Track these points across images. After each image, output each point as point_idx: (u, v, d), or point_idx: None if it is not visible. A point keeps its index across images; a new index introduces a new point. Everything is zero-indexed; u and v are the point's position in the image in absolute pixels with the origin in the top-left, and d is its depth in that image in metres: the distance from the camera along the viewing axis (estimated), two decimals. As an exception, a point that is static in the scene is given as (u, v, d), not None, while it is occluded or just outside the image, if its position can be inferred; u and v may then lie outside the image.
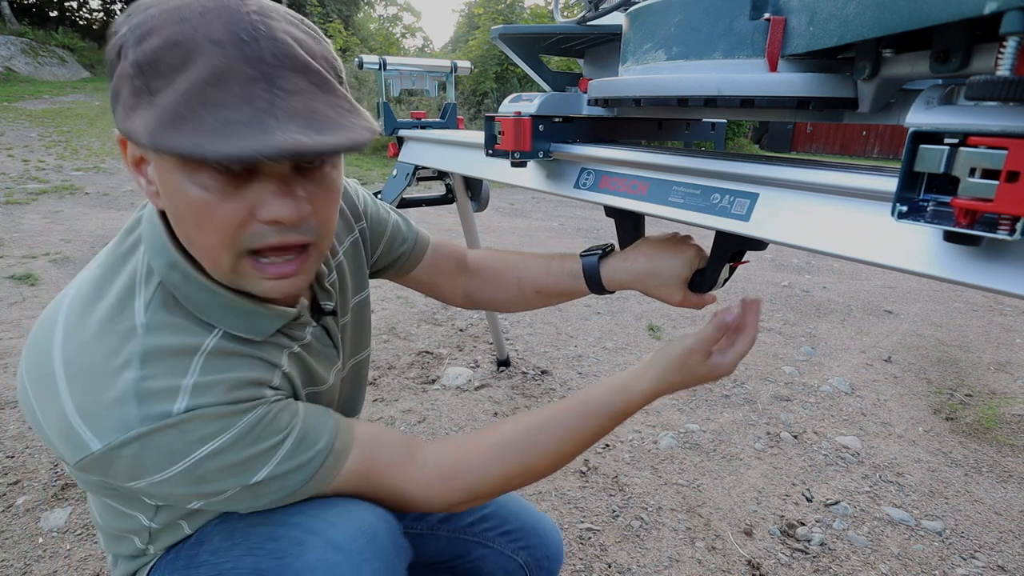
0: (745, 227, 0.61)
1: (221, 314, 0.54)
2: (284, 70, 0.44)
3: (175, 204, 0.48)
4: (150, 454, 0.48)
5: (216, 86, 0.42)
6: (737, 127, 13.48)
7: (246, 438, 0.52)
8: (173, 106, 0.42)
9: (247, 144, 0.40)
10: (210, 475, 0.51)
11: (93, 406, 0.48)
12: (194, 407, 0.49)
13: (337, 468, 0.58)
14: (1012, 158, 0.35)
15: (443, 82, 1.78)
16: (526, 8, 12.85)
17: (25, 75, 11.06)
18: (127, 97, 0.44)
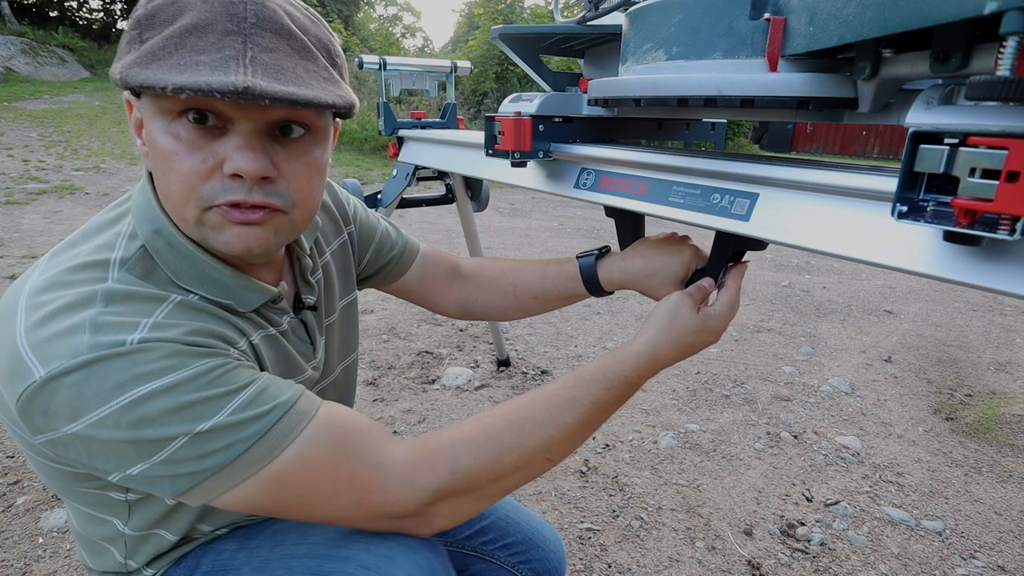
0: (745, 227, 0.61)
1: (200, 282, 0.53)
2: (264, 31, 0.47)
3: (153, 155, 0.50)
4: (92, 384, 0.44)
5: (194, 35, 0.45)
6: (737, 127, 13.48)
7: (198, 380, 0.47)
8: (151, 49, 0.45)
9: (203, 79, 0.42)
10: (153, 416, 0.45)
11: (45, 335, 0.45)
12: (148, 339, 0.46)
13: (298, 427, 0.50)
14: (1012, 158, 0.35)
15: (443, 82, 1.78)
16: (526, 8, 12.85)
17: (25, 75, 11.06)
18: (122, 48, 0.48)
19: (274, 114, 0.49)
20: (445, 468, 0.54)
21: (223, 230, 0.51)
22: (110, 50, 14.14)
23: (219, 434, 0.47)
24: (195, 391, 0.47)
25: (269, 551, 0.60)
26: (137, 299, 0.49)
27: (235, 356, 0.52)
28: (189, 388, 0.47)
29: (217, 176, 0.49)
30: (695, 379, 2.37)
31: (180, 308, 0.51)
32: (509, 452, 0.56)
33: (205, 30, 0.45)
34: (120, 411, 0.45)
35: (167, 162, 0.48)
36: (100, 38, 14.84)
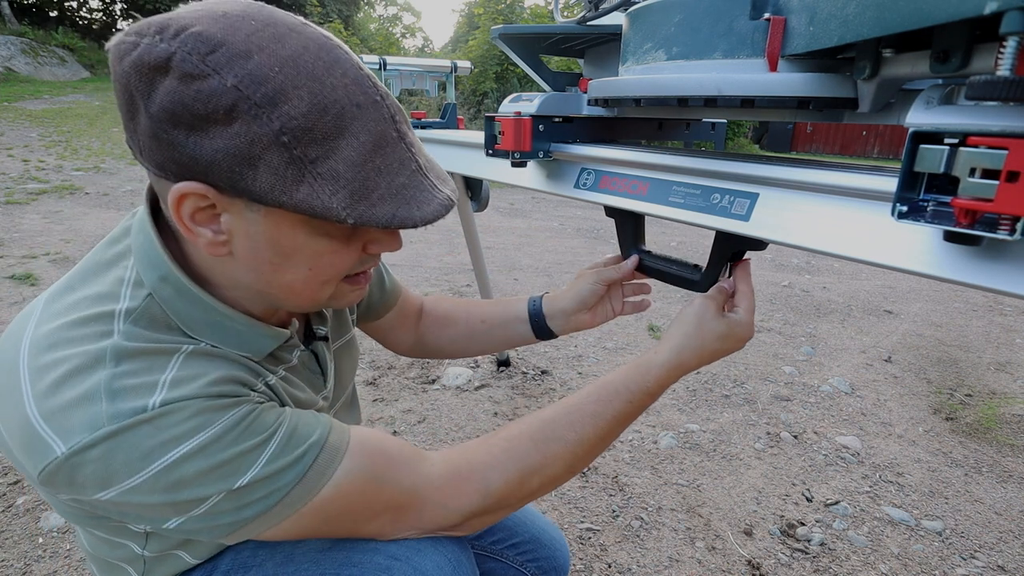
0: (745, 227, 0.61)
1: (212, 330, 0.51)
2: (403, 124, 0.48)
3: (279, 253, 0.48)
4: (120, 455, 0.42)
5: (378, 153, 0.45)
6: (737, 127, 13.48)
7: (228, 435, 0.46)
8: (353, 178, 0.44)
9: (430, 209, 0.46)
10: (188, 479, 0.44)
11: (57, 406, 0.43)
12: (170, 400, 0.44)
13: (333, 463, 0.50)
14: (1012, 158, 0.35)
15: (443, 82, 1.78)
16: (526, 8, 12.85)
17: (25, 75, 11.06)
18: (280, 167, 0.42)
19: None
20: (477, 493, 0.57)
21: (348, 295, 0.55)
22: (110, 50, 14.13)
23: (256, 487, 0.47)
24: (227, 447, 0.46)
25: (292, 547, 0.59)
26: (148, 355, 0.47)
27: (257, 400, 0.51)
28: (220, 446, 0.45)
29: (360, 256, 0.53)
30: (695, 379, 2.37)
31: (194, 357, 0.49)
32: (535, 472, 0.58)
33: (382, 145, 0.45)
34: (153, 478, 0.43)
35: (319, 260, 0.49)
36: (100, 38, 14.83)
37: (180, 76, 0.40)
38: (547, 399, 2.14)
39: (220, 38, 0.40)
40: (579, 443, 0.60)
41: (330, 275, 0.51)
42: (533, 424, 0.61)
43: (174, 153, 0.42)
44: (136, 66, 0.41)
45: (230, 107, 0.40)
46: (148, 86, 0.41)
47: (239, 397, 0.49)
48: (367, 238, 0.52)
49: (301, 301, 0.53)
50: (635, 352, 2.60)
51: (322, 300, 0.54)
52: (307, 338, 0.67)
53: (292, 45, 0.42)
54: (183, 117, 0.41)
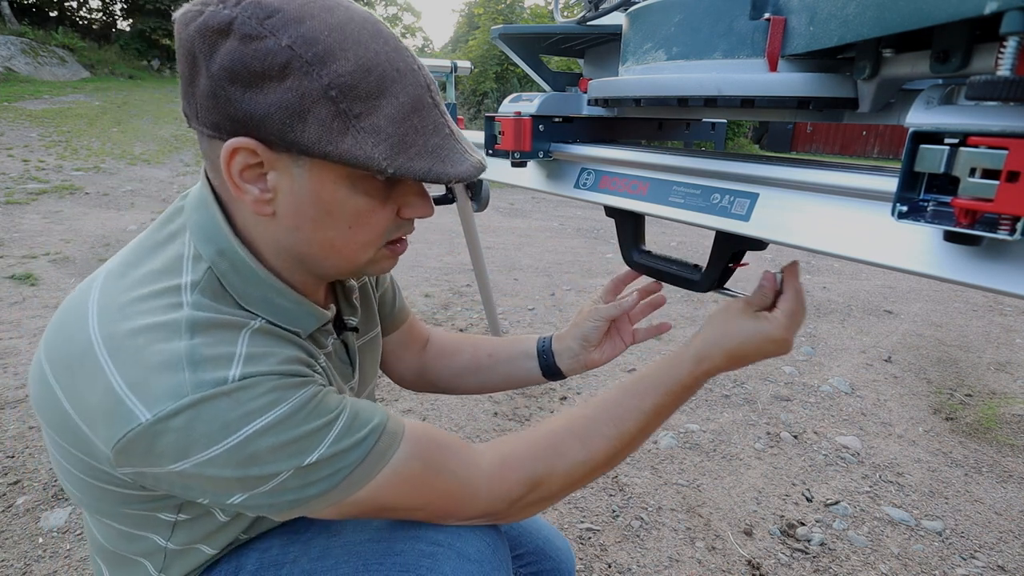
0: (745, 227, 0.61)
1: (264, 305, 0.54)
2: (436, 95, 0.51)
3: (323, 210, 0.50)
4: (201, 426, 0.44)
5: (416, 114, 0.48)
6: (737, 127, 13.48)
7: (299, 413, 0.48)
8: (393, 133, 0.47)
9: (463, 168, 0.50)
10: (262, 454, 0.46)
11: (142, 374, 0.45)
12: (248, 375, 0.46)
13: (392, 447, 0.52)
14: (1012, 158, 0.35)
15: (443, 82, 1.78)
16: (526, 8, 12.85)
17: (25, 75, 11.06)
18: (327, 119, 0.45)
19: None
20: (523, 483, 0.58)
21: (385, 261, 0.58)
22: (110, 50, 14.14)
23: (323, 465, 0.49)
24: (298, 425, 0.48)
25: (326, 540, 0.60)
26: (220, 327, 0.49)
27: (321, 381, 0.53)
28: (293, 423, 0.47)
29: (396, 219, 0.55)
30: (695, 379, 2.37)
31: (260, 335, 0.51)
32: (579, 465, 0.61)
33: (418, 107, 0.48)
34: (229, 451, 0.45)
35: (360, 218, 0.51)
36: (100, 38, 14.84)
37: (240, 37, 0.44)
38: (547, 399, 2.14)
39: (277, 5, 0.45)
40: (619, 437, 0.62)
41: (368, 236, 0.53)
42: (575, 420, 0.62)
43: (230, 109, 0.45)
44: (200, 30, 0.45)
45: (284, 64, 0.44)
46: (211, 48, 0.45)
47: (306, 378, 0.51)
48: (401, 201, 0.54)
49: (341, 262, 0.55)
50: (636, 351, 2.60)
51: (361, 263, 0.55)
52: (338, 329, 0.68)
53: (340, 15, 0.46)
54: (241, 74, 0.44)
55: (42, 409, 0.51)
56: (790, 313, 0.63)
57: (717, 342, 0.64)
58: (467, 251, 2.09)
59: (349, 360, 0.69)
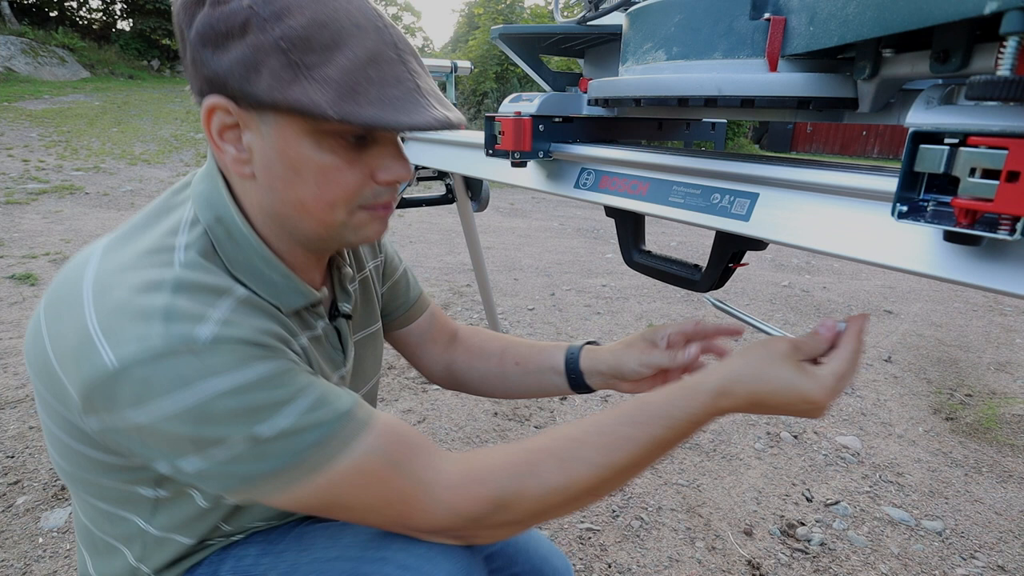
0: (745, 227, 0.61)
1: (252, 274, 0.55)
2: (409, 55, 0.51)
3: (289, 168, 0.51)
4: (162, 377, 0.45)
5: (372, 66, 0.48)
6: (737, 127, 13.48)
7: (263, 382, 0.48)
8: (343, 81, 0.47)
9: (419, 118, 0.48)
10: (218, 415, 0.46)
11: (117, 320, 0.46)
12: (219, 337, 0.47)
13: (354, 437, 0.50)
14: (1012, 158, 0.35)
15: (443, 82, 1.78)
16: (526, 8, 12.86)
17: (25, 75, 11.06)
18: (278, 69, 0.47)
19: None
20: (488, 501, 0.53)
21: (368, 226, 0.56)
22: (110, 50, 14.15)
23: (278, 440, 0.48)
24: (260, 392, 0.47)
25: (296, 555, 0.59)
26: (204, 289, 0.50)
27: (292, 359, 0.52)
28: (254, 390, 0.47)
29: (370, 184, 0.54)
30: (695, 379, 2.37)
31: (243, 304, 0.52)
32: (554, 491, 0.54)
33: (377, 60, 0.48)
34: (187, 408, 0.46)
35: (324, 176, 0.51)
36: (100, 38, 14.84)
37: (211, 4, 0.47)
38: (547, 399, 2.14)
39: None
40: (606, 467, 0.54)
41: (337, 195, 0.52)
42: (559, 441, 0.56)
43: (205, 71, 0.48)
44: (183, 5, 0.49)
45: (244, 22, 0.46)
46: (190, 18, 0.48)
47: (279, 350, 0.51)
48: (375, 164, 0.53)
49: (315, 224, 0.54)
50: (635, 352, 2.60)
51: (336, 225, 0.54)
52: (331, 314, 0.68)
53: None
54: (210, 36, 0.47)
55: (31, 359, 0.52)
56: (839, 375, 0.53)
57: (745, 380, 0.54)
58: (467, 251, 2.09)
59: (341, 347, 0.68)
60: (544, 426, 1.96)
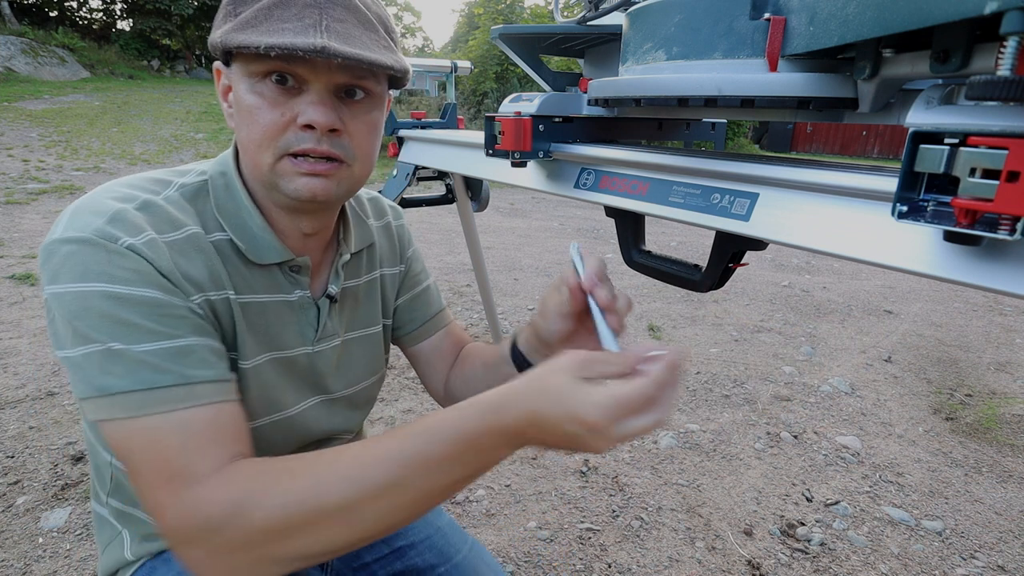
0: (745, 227, 0.61)
1: (234, 221, 0.61)
2: (336, 6, 0.55)
3: (239, 112, 0.58)
4: (74, 260, 0.50)
5: (280, 7, 0.54)
6: (737, 127, 13.48)
7: (146, 305, 0.51)
8: (245, 18, 0.54)
9: (288, 40, 0.51)
10: (94, 312, 0.49)
11: (82, 209, 0.54)
12: (134, 247, 0.52)
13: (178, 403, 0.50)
14: (1012, 158, 0.35)
15: (443, 82, 1.78)
16: (526, 8, 12.86)
17: (25, 75, 11.06)
18: (220, 20, 0.56)
19: (341, 77, 0.56)
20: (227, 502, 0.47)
21: (293, 179, 0.58)
22: (110, 50, 14.14)
23: (123, 362, 0.50)
24: (135, 312, 0.51)
25: None
26: (162, 217, 0.56)
27: (192, 308, 0.55)
28: (133, 307, 0.51)
29: (292, 128, 0.56)
30: (695, 379, 2.37)
31: (185, 242, 0.57)
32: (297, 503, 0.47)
33: (288, 4, 0.54)
34: (75, 294, 0.50)
35: (251, 115, 0.56)
36: (100, 38, 14.84)
37: None
38: (547, 399, 2.14)
39: None
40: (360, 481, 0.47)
41: (259, 133, 0.56)
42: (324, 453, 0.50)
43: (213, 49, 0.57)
44: None
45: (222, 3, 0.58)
46: None
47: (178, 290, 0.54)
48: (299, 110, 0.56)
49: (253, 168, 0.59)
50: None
51: (265, 168, 0.58)
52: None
53: None
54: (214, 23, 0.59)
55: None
56: (623, 401, 0.43)
57: (522, 392, 0.46)
58: (467, 251, 2.09)
59: (316, 324, 0.68)
60: (544, 426, 1.97)
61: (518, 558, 1.38)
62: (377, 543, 0.81)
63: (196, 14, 15.42)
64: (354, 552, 0.80)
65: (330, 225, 0.69)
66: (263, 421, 0.64)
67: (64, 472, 1.56)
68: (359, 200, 0.79)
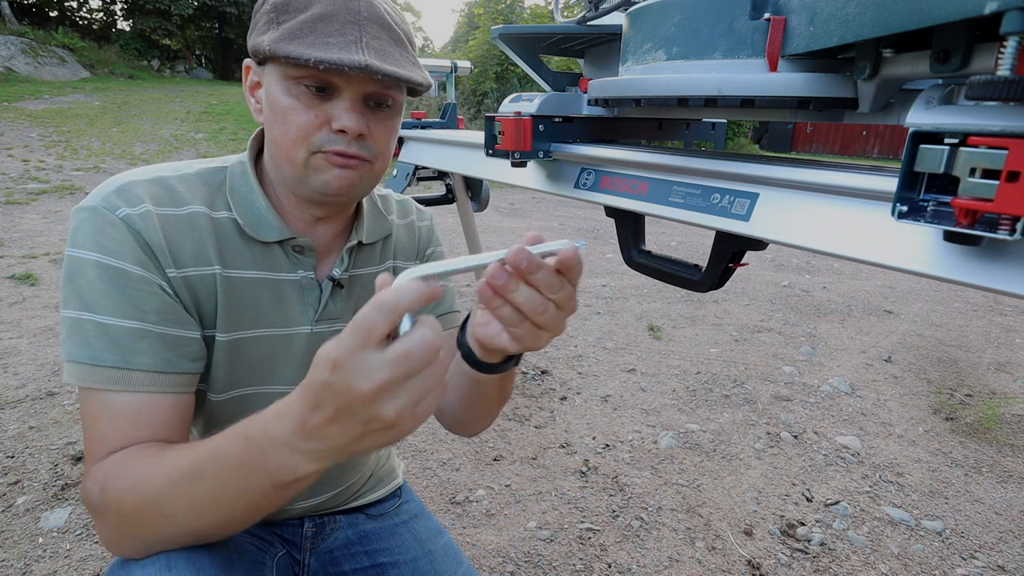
0: (745, 227, 0.61)
1: (244, 202, 0.65)
2: (372, 23, 0.59)
3: (272, 110, 0.61)
4: (79, 227, 0.57)
5: (323, 22, 0.58)
6: (737, 127, 13.48)
7: (123, 279, 0.56)
8: (291, 29, 0.57)
9: (336, 56, 0.55)
10: (79, 278, 0.56)
11: (107, 182, 0.61)
12: (128, 218, 0.57)
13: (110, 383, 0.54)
14: (1012, 158, 0.35)
15: (443, 82, 1.78)
16: (526, 8, 12.86)
17: (25, 75, 11.06)
18: (262, 25, 0.60)
19: (372, 87, 0.61)
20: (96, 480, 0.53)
21: (325, 171, 0.62)
22: (110, 50, 14.14)
23: (85, 332, 0.55)
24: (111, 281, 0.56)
25: None
26: (168, 193, 0.62)
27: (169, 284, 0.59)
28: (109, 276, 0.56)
29: (325, 130, 0.61)
30: (695, 379, 2.37)
31: (183, 218, 0.62)
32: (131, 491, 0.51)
33: (331, 20, 0.58)
34: (72, 259, 0.57)
35: (286, 115, 0.60)
36: (100, 38, 14.83)
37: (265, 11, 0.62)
38: (547, 399, 2.14)
39: None
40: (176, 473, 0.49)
41: (292, 134, 0.60)
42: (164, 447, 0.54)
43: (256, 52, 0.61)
44: None
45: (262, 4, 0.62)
46: None
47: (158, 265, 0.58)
48: (332, 114, 0.60)
49: (285, 161, 0.63)
50: (635, 352, 2.60)
51: (298, 163, 0.61)
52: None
53: None
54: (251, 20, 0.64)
55: None
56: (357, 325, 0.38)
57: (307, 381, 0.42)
58: (467, 251, 2.10)
59: (317, 305, 0.70)
60: (544, 426, 1.96)
61: (518, 558, 1.38)
62: (358, 554, 0.81)
63: (196, 14, 15.44)
64: (332, 557, 0.81)
65: (344, 213, 0.72)
66: (249, 390, 0.68)
67: (64, 472, 1.56)
68: (386, 199, 0.82)
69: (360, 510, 0.86)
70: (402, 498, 0.90)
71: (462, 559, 0.83)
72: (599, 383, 2.30)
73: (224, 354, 0.65)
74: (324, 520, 0.82)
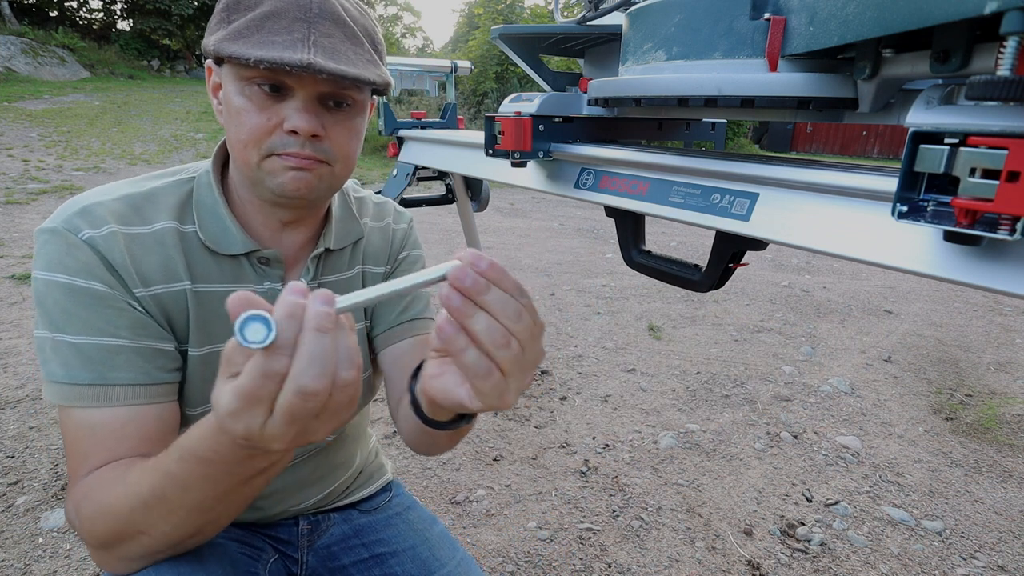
0: (745, 227, 0.61)
1: (207, 214, 0.64)
2: (324, 20, 0.57)
3: (227, 111, 0.60)
4: (43, 249, 0.57)
5: (271, 20, 0.56)
6: (737, 127, 13.48)
7: (91, 298, 0.56)
8: (238, 28, 0.56)
9: (277, 55, 0.53)
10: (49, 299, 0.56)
11: (70, 202, 0.60)
12: (91, 241, 0.57)
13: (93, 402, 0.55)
14: (1012, 158, 0.35)
15: (443, 82, 1.78)
16: (526, 8, 12.86)
17: (25, 75, 11.06)
18: (214, 25, 0.59)
19: (325, 87, 0.59)
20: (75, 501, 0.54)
21: (279, 174, 0.60)
22: (110, 50, 14.14)
23: (61, 352, 0.55)
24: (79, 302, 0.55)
25: None
26: (136, 209, 0.61)
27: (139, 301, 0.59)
28: (77, 296, 0.56)
29: (278, 132, 0.59)
30: (695, 379, 2.37)
31: (152, 235, 0.61)
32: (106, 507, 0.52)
33: (279, 17, 0.56)
34: (39, 280, 0.57)
35: (239, 117, 0.59)
36: (100, 38, 14.83)
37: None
38: (547, 399, 2.14)
39: None
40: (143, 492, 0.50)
41: (247, 136, 0.59)
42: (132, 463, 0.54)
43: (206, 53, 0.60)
44: None
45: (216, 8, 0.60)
46: None
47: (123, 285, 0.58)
48: (285, 115, 0.59)
49: (241, 164, 0.62)
50: (635, 352, 2.60)
51: (252, 165, 0.60)
52: None
53: None
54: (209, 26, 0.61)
55: None
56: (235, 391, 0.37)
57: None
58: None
59: None
60: (544, 426, 1.96)
61: (518, 558, 1.38)
62: (356, 547, 0.81)
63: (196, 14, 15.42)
64: (331, 552, 0.81)
65: (311, 219, 0.70)
66: None
67: (64, 472, 1.56)
68: (363, 202, 0.79)
69: (353, 506, 0.87)
70: (392, 492, 0.91)
71: (458, 546, 0.83)
72: (599, 383, 2.30)
73: (198, 368, 0.64)
74: (319, 518, 0.83)
